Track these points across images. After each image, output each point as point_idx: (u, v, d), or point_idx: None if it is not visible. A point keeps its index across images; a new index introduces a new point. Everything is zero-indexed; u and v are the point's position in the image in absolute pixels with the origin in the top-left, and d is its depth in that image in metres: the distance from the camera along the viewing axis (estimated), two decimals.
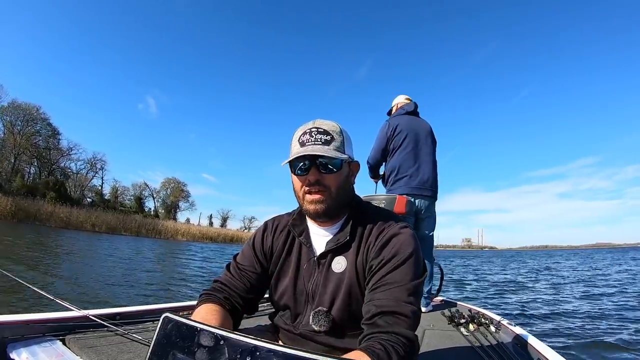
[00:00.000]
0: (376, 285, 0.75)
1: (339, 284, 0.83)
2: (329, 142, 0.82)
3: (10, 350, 1.05)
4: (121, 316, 1.45)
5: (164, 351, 0.44)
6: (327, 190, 0.82)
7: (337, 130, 0.84)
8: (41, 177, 32.54)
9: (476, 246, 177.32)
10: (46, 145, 33.96)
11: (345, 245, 0.85)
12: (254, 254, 0.93)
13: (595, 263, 18.09)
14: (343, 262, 0.84)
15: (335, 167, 0.82)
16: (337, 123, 0.87)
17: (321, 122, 0.85)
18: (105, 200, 38.23)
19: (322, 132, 0.82)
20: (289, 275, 0.90)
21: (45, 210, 22.69)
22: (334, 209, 0.84)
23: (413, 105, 2.70)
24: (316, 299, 0.85)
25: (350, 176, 0.90)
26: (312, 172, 0.81)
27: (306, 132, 0.83)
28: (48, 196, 26.60)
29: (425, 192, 2.49)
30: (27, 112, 31.89)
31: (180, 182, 47.52)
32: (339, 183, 0.84)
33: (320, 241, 0.89)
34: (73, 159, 37.04)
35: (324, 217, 0.85)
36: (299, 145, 0.83)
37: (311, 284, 0.86)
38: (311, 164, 0.81)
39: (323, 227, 0.89)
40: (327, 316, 0.83)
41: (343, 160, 0.83)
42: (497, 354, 1.44)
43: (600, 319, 4.36)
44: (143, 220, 29.94)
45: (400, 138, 2.54)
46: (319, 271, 0.86)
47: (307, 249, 0.89)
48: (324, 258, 0.86)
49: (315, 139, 0.82)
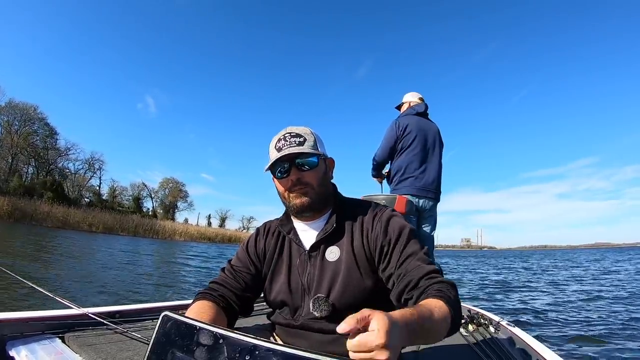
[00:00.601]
0: (401, 261, 0.82)
1: (336, 271, 0.87)
2: (303, 143, 0.88)
3: (10, 348, 1.05)
4: (121, 314, 1.45)
5: (163, 349, 0.44)
6: (309, 186, 0.88)
7: (308, 132, 0.91)
8: (39, 177, 32.41)
9: (475, 246, 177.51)
10: (44, 145, 33.85)
11: (335, 235, 0.90)
12: (247, 257, 0.98)
13: (594, 263, 18.09)
14: (337, 251, 0.89)
15: (313, 164, 0.89)
16: (307, 127, 0.93)
17: (292, 128, 0.91)
18: (103, 201, 38.09)
19: (294, 136, 0.89)
20: (282, 273, 0.93)
21: (42, 210, 22.62)
22: (318, 202, 0.90)
23: (424, 107, 2.68)
24: (312, 289, 0.88)
25: (328, 171, 0.96)
26: (292, 172, 0.87)
27: (280, 139, 0.89)
28: (45, 196, 26.54)
29: (429, 193, 2.50)
30: (24, 112, 31.77)
31: (178, 182, 47.50)
32: (319, 178, 0.90)
33: (308, 236, 0.94)
34: (71, 159, 37.04)
35: (309, 210, 0.90)
36: (275, 151, 0.88)
37: (305, 277, 0.90)
38: (290, 165, 0.87)
39: (309, 223, 0.94)
40: (327, 301, 0.86)
41: (319, 157, 0.90)
42: (496, 354, 1.44)
43: (600, 319, 4.37)
44: (140, 220, 29.83)
45: (410, 139, 2.54)
46: (312, 264, 0.90)
47: (297, 246, 0.94)
48: (316, 250, 0.91)
49: (290, 142, 0.87)
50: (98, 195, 39.03)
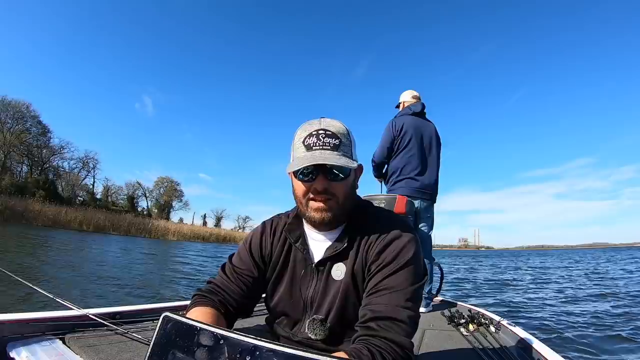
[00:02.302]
0: (374, 290, 0.73)
1: (338, 291, 0.80)
2: (338, 147, 0.75)
3: (10, 349, 1.04)
4: (121, 315, 1.44)
5: (164, 350, 0.44)
6: (334, 198, 0.77)
7: (344, 133, 0.78)
8: (32, 176, 31.96)
9: (472, 246, 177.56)
10: (37, 143, 33.32)
11: (344, 252, 0.81)
12: (251, 258, 0.88)
13: (594, 263, 18.09)
14: (342, 269, 0.81)
15: (344, 175, 0.77)
16: (343, 123, 0.81)
17: (328, 123, 0.78)
18: (97, 199, 37.73)
19: (330, 135, 0.75)
20: (285, 282, 0.86)
21: (33, 209, 22.22)
22: (340, 216, 0.80)
23: (420, 106, 2.67)
24: (314, 307, 0.82)
25: (356, 180, 0.85)
26: (319, 179, 0.75)
27: (312, 134, 0.76)
28: (37, 195, 26.18)
29: (425, 195, 2.50)
30: (16, 110, 31.25)
31: (173, 181, 47.08)
32: (347, 191, 0.79)
33: (318, 247, 0.84)
34: (66, 158, 36.61)
35: (329, 225, 0.81)
36: (304, 148, 0.76)
37: (309, 292, 0.83)
38: (319, 171, 0.75)
39: (322, 233, 0.84)
40: (323, 324, 0.80)
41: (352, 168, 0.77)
42: (497, 354, 1.44)
43: (600, 319, 4.37)
44: (133, 219, 29.44)
45: (406, 139, 2.54)
46: (318, 279, 0.82)
47: (304, 255, 0.85)
48: (323, 265, 0.82)
49: (324, 143, 0.74)
50: (92, 194, 38.67)
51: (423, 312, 2.33)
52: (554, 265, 16.79)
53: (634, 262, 17.09)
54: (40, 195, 26.49)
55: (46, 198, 25.65)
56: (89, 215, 25.57)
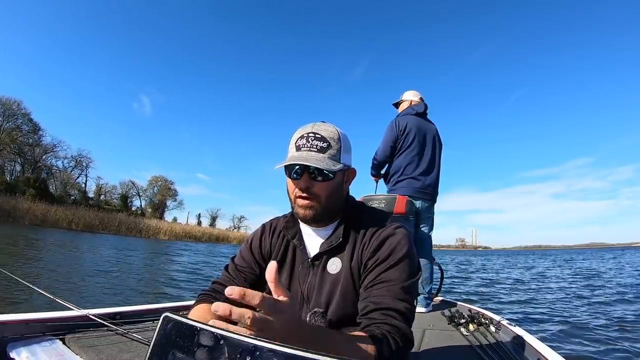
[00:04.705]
0: (372, 283, 0.77)
1: (335, 285, 0.84)
2: (325, 150, 0.80)
3: (10, 350, 1.04)
4: (121, 316, 1.44)
5: (164, 350, 0.44)
6: (316, 197, 0.82)
7: (335, 137, 0.82)
8: (24, 175, 31.50)
9: (470, 246, 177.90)
10: (28, 142, 32.80)
11: (339, 247, 0.85)
12: (252, 256, 0.94)
13: (593, 263, 18.08)
14: (338, 264, 0.85)
15: (327, 176, 0.81)
16: (337, 128, 0.85)
17: (320, 127, 0.83)
18: (89, 198, 37.26)
19: (319, 139, 0.80)
20: (284, 277, 0.90)
21: (21, 208, 21.89)
22: (322, 215, 0.84)
23: (424, 107, 2.67)
24: (312, 301, 0.85)
25: (344, 183, 0.88)
26: (303, 178, 0.80)
27: (303, 136, 0.81)
28: (27, 193, 25.89)
29: (426, 195, 2.50)
30: (7, 107, 30.77)
31: (167, 180, 46.55)
32: (329, 192, 0.82)
33: (314, 242, 0.89)
34: (59, 157, 36.20)
35: (312, 222, 0.86)
36: (294, 149, 0.82)
37: (306, 286, 0.87)
38: (304, 170, 0.80)
39: (316, 229, 0.89)
40: (324, 317, 0.83)
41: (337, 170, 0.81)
42: (497, 354, 1.44)
43: (600, 319, 4.37)
44: (125, 218, 29.14)
45: (409, 139, 2.54)
46: (314, 273, 0.87)
47: (301, 251, 0.90)
48: (318, 260, 0.87)
49: (311, 145, 0.80)
50: (84, 193, 38.23)
51: (423, 312, 2.33)
52: (554, 265, 16.79)
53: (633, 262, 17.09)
54: (30, 193, 26.13)
55: (36, 196, 25.26)
56: (78, 213, 25.19)
